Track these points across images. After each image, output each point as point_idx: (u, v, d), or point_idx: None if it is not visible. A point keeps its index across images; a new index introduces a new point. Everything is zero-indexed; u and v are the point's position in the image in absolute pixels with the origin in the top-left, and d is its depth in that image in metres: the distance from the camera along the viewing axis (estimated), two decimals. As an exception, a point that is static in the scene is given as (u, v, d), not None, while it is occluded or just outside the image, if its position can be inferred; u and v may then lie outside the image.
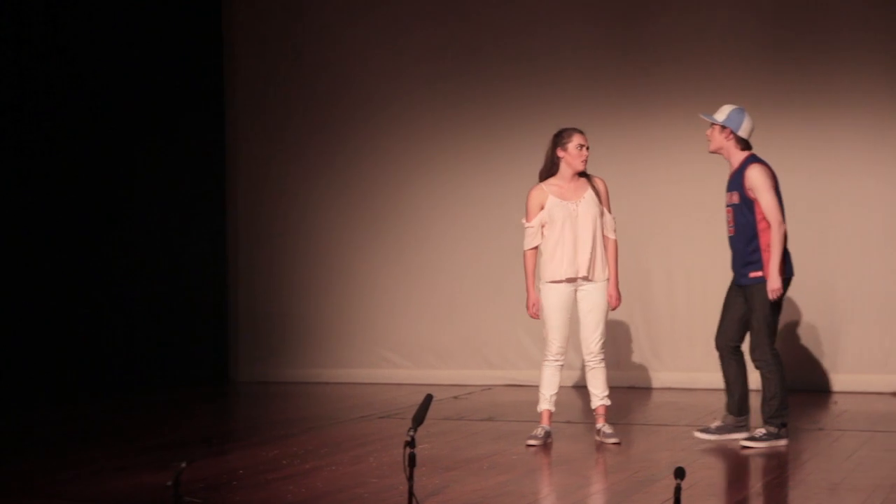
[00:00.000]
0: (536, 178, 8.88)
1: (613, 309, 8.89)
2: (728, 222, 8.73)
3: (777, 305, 8.65)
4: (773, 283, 8.55)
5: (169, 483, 5.78)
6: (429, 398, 5.81)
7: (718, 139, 8.70)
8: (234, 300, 12.84)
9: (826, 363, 11.48)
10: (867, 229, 11.41)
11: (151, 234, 12.10)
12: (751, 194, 8.57)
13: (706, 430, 8.87)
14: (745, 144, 8.71)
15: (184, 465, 5.81)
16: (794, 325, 11.53)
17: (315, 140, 12.66)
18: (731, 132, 8.67)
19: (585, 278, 8.73)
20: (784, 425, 8.69)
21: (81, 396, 11.13)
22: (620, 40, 11.89)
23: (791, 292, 11.25)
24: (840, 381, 11.40)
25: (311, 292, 12.67)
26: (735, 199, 8.63)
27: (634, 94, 11.84)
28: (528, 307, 8.83)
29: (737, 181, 8.63)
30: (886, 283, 11.37)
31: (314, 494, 7.17)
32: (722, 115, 8.69)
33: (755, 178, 8.57)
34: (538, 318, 8.84)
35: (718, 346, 8.85)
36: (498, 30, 12.24)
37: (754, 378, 8.83)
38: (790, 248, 8.68)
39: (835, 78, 11.44)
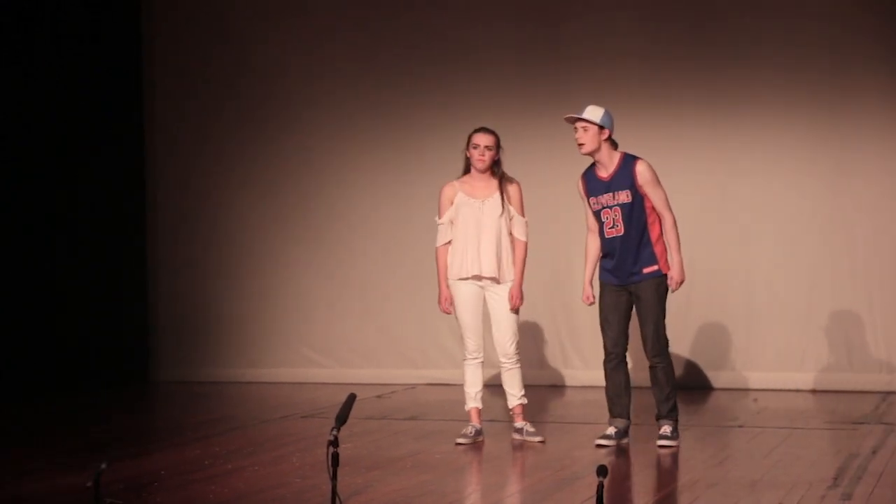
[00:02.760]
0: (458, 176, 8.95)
1: (513, 309, 8.85)
2: (610, 223, 8.58)
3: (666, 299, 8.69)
4: (681, 275, 8.56)
5: (89, 484, 5.73)
6: (352, 397, 5.80)
7: (596, 140, 8.55)
8: (155, 301, 12.73)
9: (745, 361, 11.59)
10: (786, 229, 11.54)
11: (72, 236, 11.96)
12: (642, 190, 8.55)
13: (606, 437, 8.67)
14: (615, 144, 8.67)
15: (104, 465, 5.76)
16: (713, 323, 11.62)
17: (235, 142, 12.59)
18: (609, 133, 8.60)
19: (492, 279, 8.78)
20: (677, 419, 8.74)
21: (1, 398, 10.99)
22: (538, 40, 11.93)
23: (711, 291, 11.44)
24: (759, 378, 11.52)
25: (233, 292, 12.60)
26: (624, 197, 8.54)
27: (552, 93, 11.87)
28: (440, 302, 8.91)
29: (624, 179, 8.54)
30: (804, 282, 11.50)
31: (236, 495, 7.14)
32: (596, 115, 8.54)
33: (648, 173, 8.54)
34: (450, 314, 8.91)
35: (617, 352, 8.68)
36: (420, 33, 12.23)
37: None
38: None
39: (749, 75, 11.55)
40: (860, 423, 9.63)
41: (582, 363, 11.88)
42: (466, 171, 8.93)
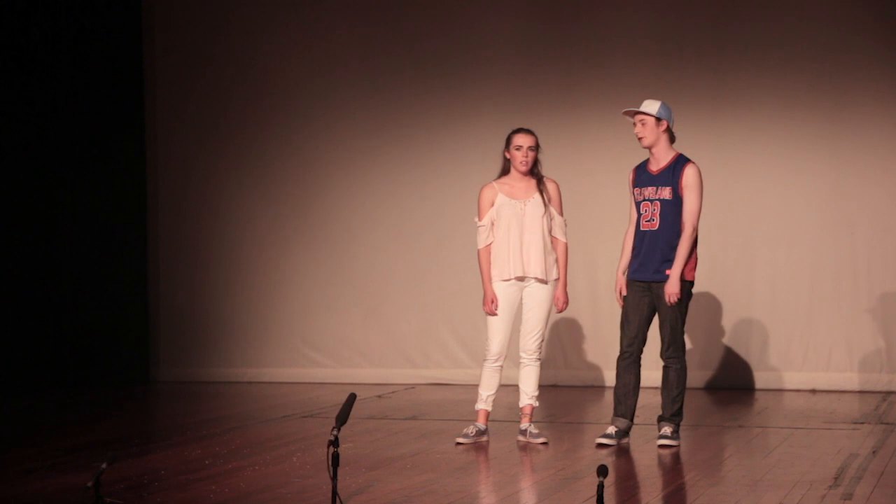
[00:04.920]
0: (460, 176, 8.93)
1: (559, 311, 8.88)
2: (647, 216, 8.55)
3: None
4: (676, 287, 8.47)
5: (90, 484, 5.74)
6: (352, 397, 5.81)
7: (655, 132, 8.53)
8: (156, 300, 12.73)
9: (746, 361, 11.59)
10: (788, 231, 11.54)
11: (72, 236, 11.97)
12: (683, 192, 8.52)
13: (607, 436, 8.65)
14: (673, 138, 8.67)
15: (104, 465, 5.76)
16: (716, 324, 11.62)
17: (237, 140, 12.59)
18: (667, 125, 8.60)
19: (538, 279, 8.72)
20: (680, 423, 8.71)
21: (2, 397, 10.99)
22: (551, 37, 11.92)
23: (714, 292, 11.44)
24: (760, 378, 11.52)
25: (233, 292, 12.60)
26: (666, 194, 8.51)
27: (568, 90, 11.86)
28: (485, 303, 8.77)
29: (670, 177, 8.51)
30: (804, 282, 11.50)
31: (237, 494, 7.14)
32: (653, 108, 8.51)
33: (694, 178, 8.51)
34: (495, 315, 8.75)
35: (631, 352, 8.65)
36: (424, 29, 12.24)
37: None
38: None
39: (749, 75, 11.55)
40: (860, 423, 9.63)
41: (582, 363, 11.88)
42: (505, 172, 8.84)
